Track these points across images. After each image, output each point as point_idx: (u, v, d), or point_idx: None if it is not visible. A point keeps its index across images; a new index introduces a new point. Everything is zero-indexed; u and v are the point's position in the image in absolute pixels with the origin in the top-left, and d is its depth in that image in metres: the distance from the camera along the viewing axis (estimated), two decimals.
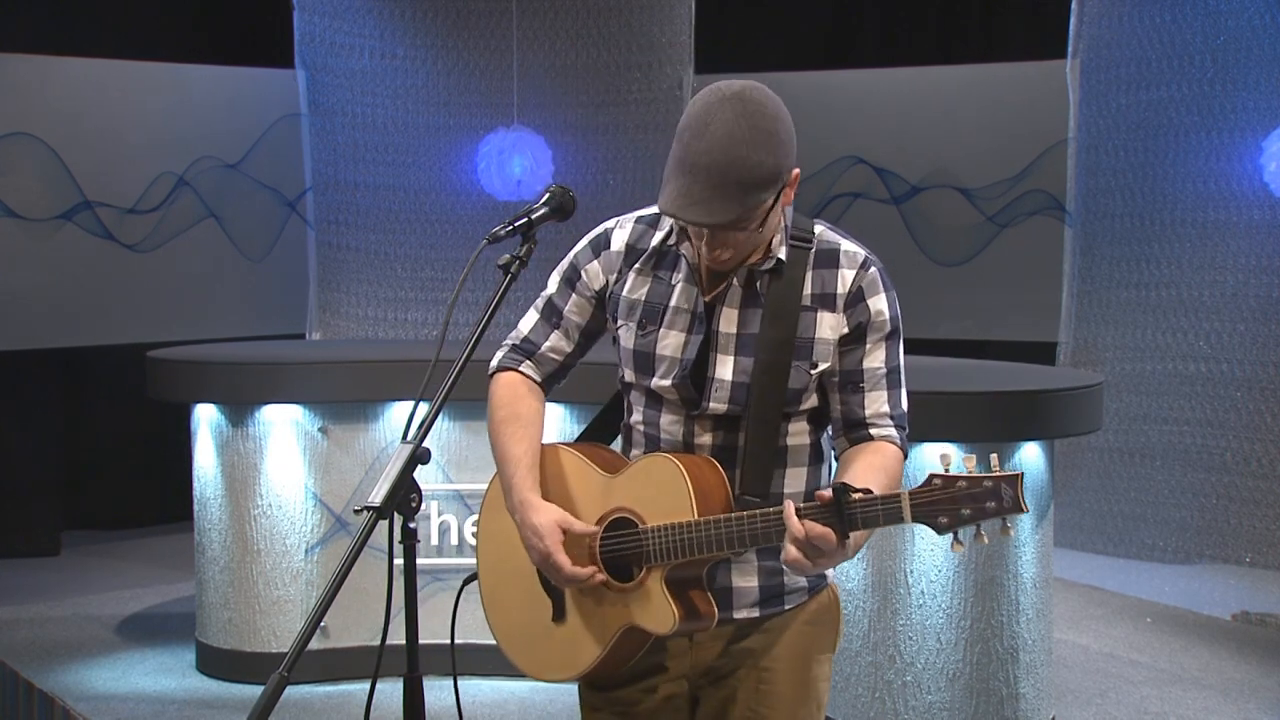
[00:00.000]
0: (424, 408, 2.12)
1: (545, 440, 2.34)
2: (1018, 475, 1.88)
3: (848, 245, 2.21)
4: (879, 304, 2.18)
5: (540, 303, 2.37)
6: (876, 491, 1.98)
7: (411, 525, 2.06)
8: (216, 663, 4.85)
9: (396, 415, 4.76)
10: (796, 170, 2.10)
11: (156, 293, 6.91)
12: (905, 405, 2.21)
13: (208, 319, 7.05)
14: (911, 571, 3.93)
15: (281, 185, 7.26)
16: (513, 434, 2.28)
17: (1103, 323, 6.80)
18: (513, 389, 2.34)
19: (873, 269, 2.20)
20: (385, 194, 7.33)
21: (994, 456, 1.93)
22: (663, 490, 2.13)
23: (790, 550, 1.96)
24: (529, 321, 2.38)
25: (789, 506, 1.97)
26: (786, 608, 2.25)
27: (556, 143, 7.14)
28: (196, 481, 4.89)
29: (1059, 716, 4.37)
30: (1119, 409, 6.65)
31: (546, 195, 2.29)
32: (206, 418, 4.83)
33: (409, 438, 2.04)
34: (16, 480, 6.93)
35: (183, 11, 7.48)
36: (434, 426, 2.10)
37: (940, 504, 1.90)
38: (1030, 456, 4.00)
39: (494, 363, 2.39)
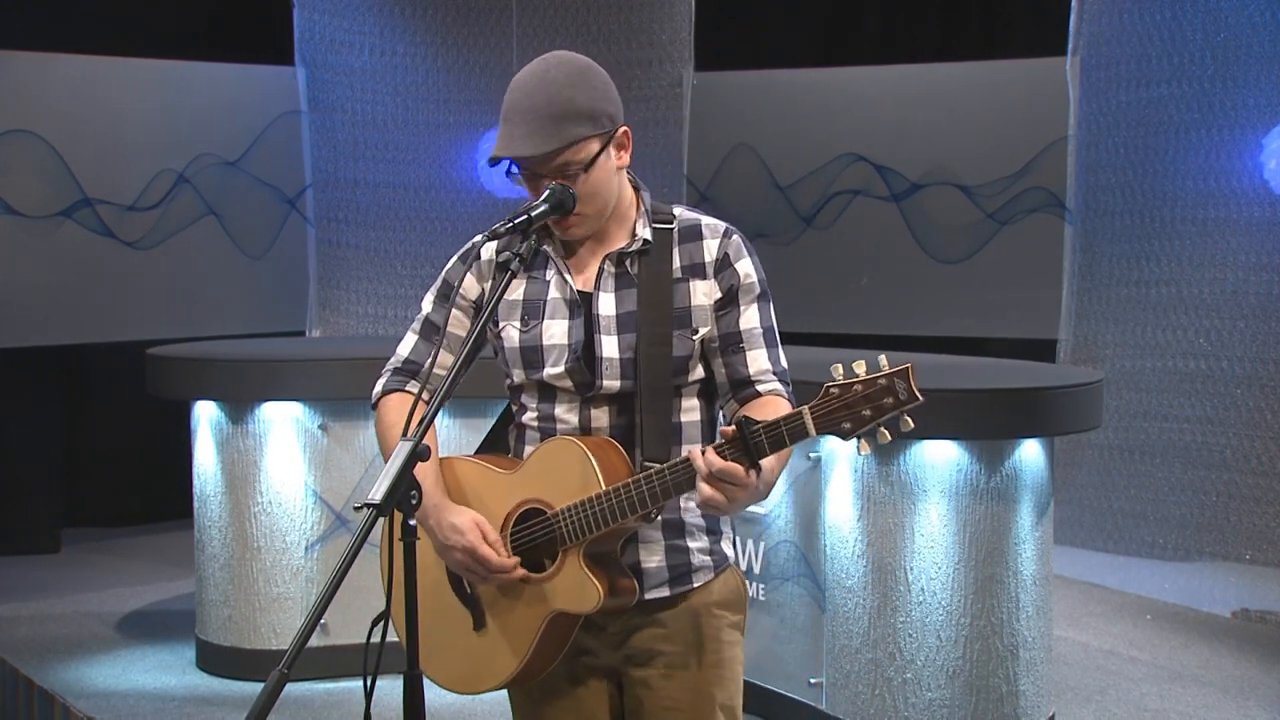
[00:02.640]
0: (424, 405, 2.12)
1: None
2: (907, 366, 1.93)
3: (708, 220, 2.31)
4: (745, 267, 2.27)
5: (416, 324, 2.39)
6: None
7: (411, 522, 2.06)
8: (216, 660, 4.85)
9: None
10: (626, 128, 2.22)
11: (156, 290, 6.90)
12: (785, 363, 2.28)
13: (207, 316, 7.04)
14: (911, 569, 3.94)
15: (281, 183, 7.25)
16: None
17: (1103, 320, 6.80)
18: (403, 409, 2.26)
19: (735, 236, 2.29)
20: (385, 191, 7.33)
21: (882, 357, 1.96)
22: (566, 471, 2.17)
23: (704, 489, 2.00)
24: (408, 344, 2.38)
25: (694, 450, 2.03)
26: (695, 585, 2.29)
27: None
28: (196, 479, 4.89)
29: (1059, 713, 4.37)
30: (1119, 406, 6.65)
31: (546, 192, 2.30)
32: (206, 415, 4.83)
33: (409, 435, 2.04)
34: (16, 477, 6.93)
35: (182, 9, 7.47)
36: (433, 423, 2.10)
37: (839, 411, 1.95)
38: (1030, 454, 4.00)
39: (377, 389, 2.39)
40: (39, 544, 6.87)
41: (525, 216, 2.23)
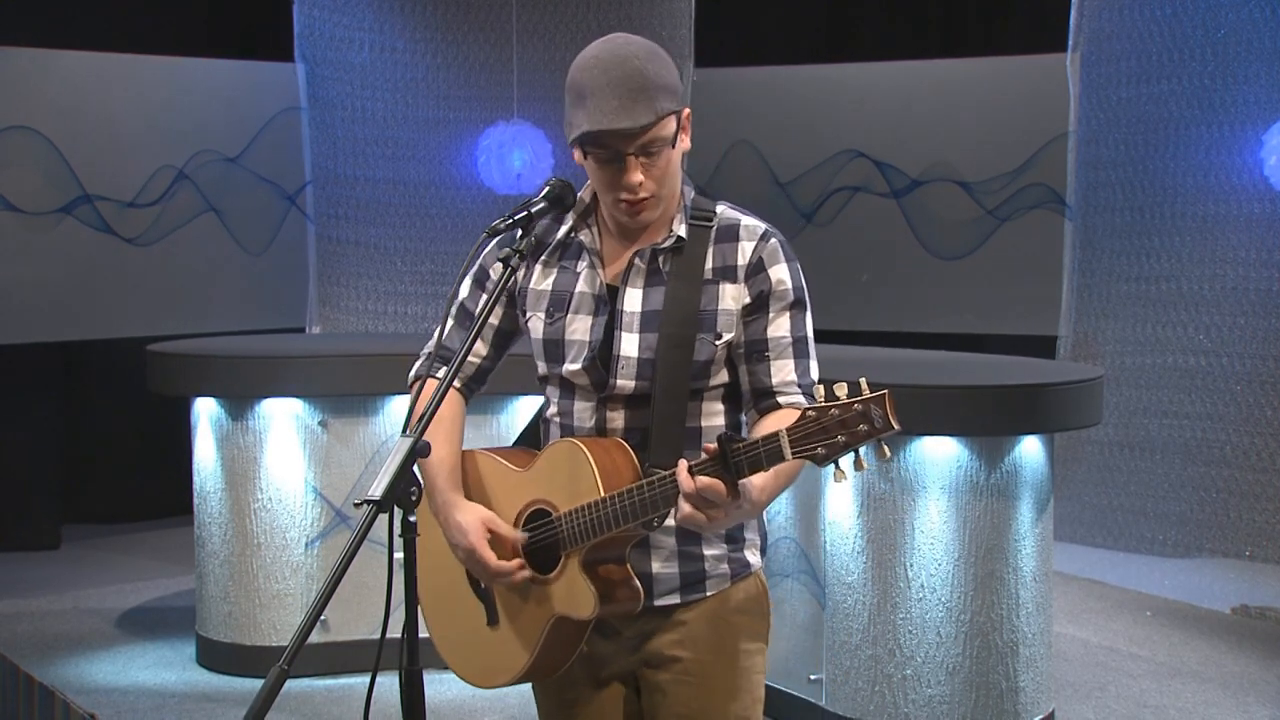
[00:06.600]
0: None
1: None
2: (884, 394, 1.86)
3: (748, 220, 2.24)
4: (780, 273, 2.20)
5: (453, 308, 2.37)
6: None
7: (411, 519, 2.06)
8: (217, 656, 4.86)
9: (396, 408, 4.76)
10: (688, 110, 2.18)
11: (156, 286, 6.90)
12: (815, 375, 2.21)
13: (207, 313, 7.04)
14: (911, 565, 3.94)
15: (281, 179, 7.25)
16: (433, 438, 2.24)
17: (1103, 316, 6.80)
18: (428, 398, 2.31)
19: (773, 240, 2.22)
20: (385, 188, 7.33)
21: (863, 380, 1.89)
22: (569, 474, 2.15)
23: (683, 506, 1.97)
24: (444, 328, 2.38)
25: (681, 464, 1.98)
26: (709, 594, 2.25)
27: (556, 136, 7.13)
28: (196, 475, 4.90)
29: (1058, 710, 4.37)
30: (1119, 403, 6.66)
31: (546, 188, 2.30)
32: (206, 411, 4.83)
33: (409, 431, 2.04)
34: (16, 474, 6.93)
35: (182, 5, 7.47)
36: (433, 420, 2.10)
37: (815, 435, 1.88)
38: (1030, 450, 4.00)
39: (411, 372, 2.40)
40: (39, 540, 6.87)
41: (525, 213, 2.24)
